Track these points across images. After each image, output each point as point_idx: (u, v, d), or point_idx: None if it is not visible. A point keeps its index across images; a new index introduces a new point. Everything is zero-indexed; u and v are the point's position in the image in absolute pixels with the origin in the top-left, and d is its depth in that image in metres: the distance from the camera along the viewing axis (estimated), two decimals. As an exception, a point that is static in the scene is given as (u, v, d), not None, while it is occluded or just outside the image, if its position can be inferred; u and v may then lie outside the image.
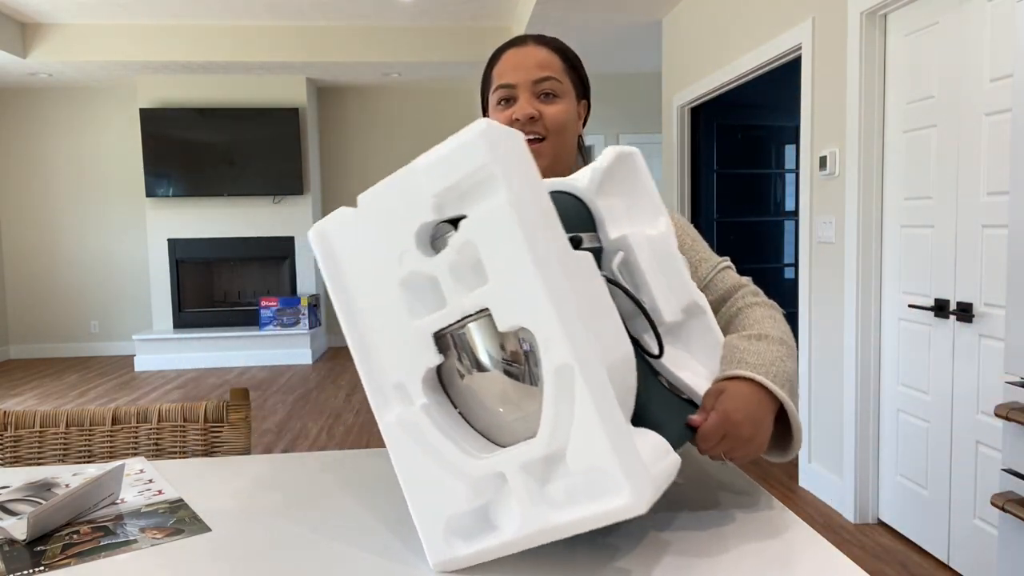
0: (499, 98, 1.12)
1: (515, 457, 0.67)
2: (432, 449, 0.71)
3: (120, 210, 6.86)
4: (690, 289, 0.88)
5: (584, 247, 0.81)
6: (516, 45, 1.13)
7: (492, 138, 0.65)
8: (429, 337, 0.71)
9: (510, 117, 1.10)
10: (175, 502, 0.92)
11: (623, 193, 0.89)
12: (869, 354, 2.72)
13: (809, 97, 3.03)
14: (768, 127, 4.85)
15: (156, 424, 1.30)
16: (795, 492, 3.10)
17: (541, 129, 1.10)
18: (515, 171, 0.65)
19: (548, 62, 1.11)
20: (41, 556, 0.77)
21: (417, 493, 0.72)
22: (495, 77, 1.13)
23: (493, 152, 0.64)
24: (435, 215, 0.68)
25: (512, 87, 1.10)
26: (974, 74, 2.19)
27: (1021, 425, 1.51)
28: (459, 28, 5.82)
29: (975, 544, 2.25)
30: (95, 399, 5.12)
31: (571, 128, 1.12)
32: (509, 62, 1.11)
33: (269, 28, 5.72)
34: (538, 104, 1.10)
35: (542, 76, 1.10)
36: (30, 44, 5.53)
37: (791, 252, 4.95)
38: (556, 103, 1.11)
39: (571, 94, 1.14)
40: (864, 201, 2.68)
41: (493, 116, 1.13)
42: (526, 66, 1.10)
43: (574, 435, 0.64)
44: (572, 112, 1.13)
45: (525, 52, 1.11)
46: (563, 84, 1.12)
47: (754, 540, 0.77)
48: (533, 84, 1.10)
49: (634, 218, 0.89)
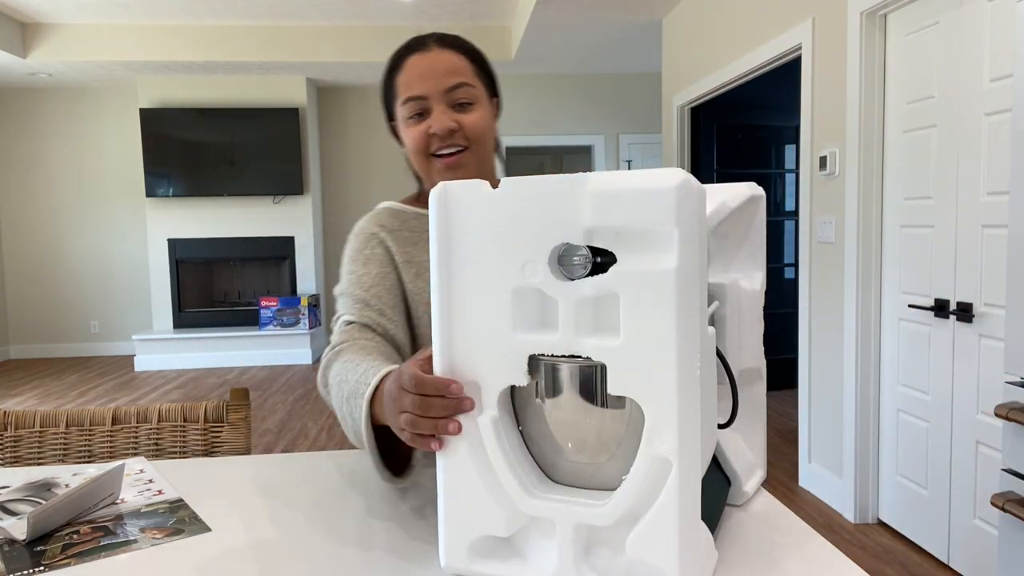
0: (410, 112, 1.05)
1: (574, 514, 0.64)
2: (487, 467, 0.68)
3: (120, 210, 6.86)
4: (758, 353, 0.85)
5: None
6: (418, 50, 1.05)
7: (684, 195, 0.59)
8: (525, 356, 0.65)
9: (426, 132, 1.04)
10: (175, 502, 0.92)
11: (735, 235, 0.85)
12: (869, 354, 2.72)
13: (809, 97, 3.03)
14: (768, 127, 4.85)
15: (156, 424, 1.30)
16: (795, 492, 3.10)
17: (462, 140, 1.04)
18: (693, 237, 0.60)
19: (458, 67, 1.05)
20: (41, 556, 0.77)
21: (454, 503, 0.69)
22: (401, 87, 1.06)
23: (680, 212, 0.58)
24: (583, 240, 0.62)
25: (423, 99, 1.03)
26: (974, 74, 2.19)
27: (1021, 425, 1.51)
28: (459, 28, 5.81)
29: (975, 544, 2.24)
30: (95, 399, 5.12)
31: (490, 134, 1.08)
32: (415, 70, 1.04)
33: (269, 28, 5.72)
34: (454, 114, 1.04)
35: (455, 84, 1.03)
36: (30, 44, 5.53)
37: (791, 252, 4.95)
38: (473, 111, 1.05)
39: (484, 97, 1.08)
40: (864, 201, 2.68)
41: (405, 131, 1.07)
42: (435, 74, 1.03)
43: (645, 524, 0.62)
44: (489, 117, 1.08)
45: (431, 58, 1.04)
46: (476, 89, 1.06)
47: (754, 540, 0.77)
48: (446, 93, 1.03)
49: (736, 265, 0.85)
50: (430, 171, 1.07)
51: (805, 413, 3.15)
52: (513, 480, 0.66)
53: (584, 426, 0.65)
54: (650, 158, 6.65)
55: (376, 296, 1.06)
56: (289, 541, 0.80)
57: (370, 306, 1.05)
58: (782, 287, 4.94)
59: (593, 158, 6.72)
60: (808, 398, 3.13)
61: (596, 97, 6.62)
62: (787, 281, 4.95)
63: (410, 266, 1.10)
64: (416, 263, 1.10)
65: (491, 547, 0.69)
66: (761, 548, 0.75)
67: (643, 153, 6.65)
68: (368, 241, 1.11)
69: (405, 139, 1.08)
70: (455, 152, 1.05)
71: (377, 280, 1.08)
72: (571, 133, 6.61)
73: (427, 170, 1.08)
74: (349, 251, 1.12)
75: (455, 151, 1.05)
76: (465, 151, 1.05)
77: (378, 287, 1.07)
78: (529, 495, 0.66)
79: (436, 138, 1.04)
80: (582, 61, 6.05)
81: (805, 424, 3.15)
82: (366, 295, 1.06)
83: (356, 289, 1.07)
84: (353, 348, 0.97)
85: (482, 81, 1.08)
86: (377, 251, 1.10)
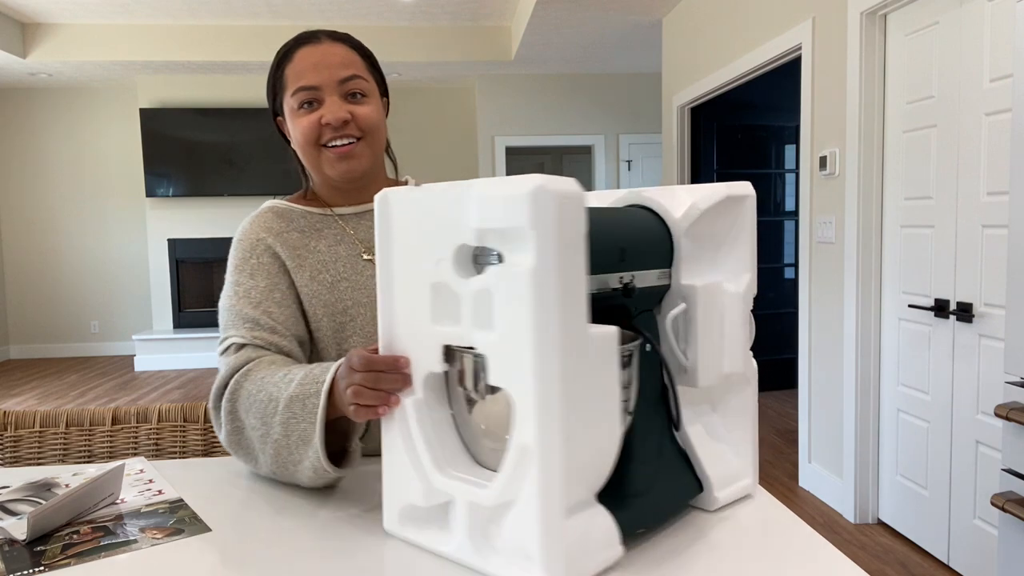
0: (301, 101, 1.02)
1: (465, 492, 0.70)
2: (410, 442, 0.75)
3: (120, 210, 6.86)
4: (743, 358, 0.83)
5: (646, 286, 0.78)
6: (310, 42, 1.03)
7: (539, 201, 0.62)
8: (440, 346, 0.72)
9: (318, 121, 1.02)
10: (175, 502, 0.92)
11: (715, 236, 0.83)
12: (869, 354, 2.72)
13: (809, 97, 3.03)
14: (768, 127, 4.85)
15: (156, 424, 1.30)
16: (795, 492, 3.10)
17: (355, 131, 1.03)
18: (552, 239, 0.63)
19: (350, 60, 1.04)
20: (41, 556, 0.77)
21: (391, 474, 0.78)
22: (290, 77, 1.03)
23: (535, 215, 0.62)
24: (476, 242, 0.68)
25: (316, 88, 1.02)
26: (974, 74, 2.19)
27: (1021, 425, 1.51)
28: (459, 28, 5.82)
29: (975, 544, 2.25)
30: (95, 399, 5.12)
31: (382, 128, 1.07)
32: (307, 60, 1.02)
33: (269, 28, 5.72)
34: (347, 105, 1.03)
35: (348, 75, 1.02)
36: (30, 44, 5.53)
37: (791, 252, 4.95)
38: (366, 103, 1.04)
39: (376, 93, 1.07)
40: (864, 201, 2.68)
41: (294, 121, 1.04)
42: (329, 65, 1.02)
43: (516, 509, 0.66)
44: (381, 111, 1.07)
45: (324, 50, 1.03)
46: (369, 83, 1.05)
47: (754, 540, 0.77)
48: (339, 84, 1.02)
49: (719, 266, 0.84)
50: (320, 162, 1.05)
51: (805, 413, 3.15)
52: (428, 457, 0.74)
53: (487, 412, 0.71)
54: (650, 158, 6.65)
55: (266, 313, 1.02)
56: (289, 541, 0.80)
57: (260, 325, 1.01)
58: (782, 287, 4.95)
59: (593, 158, 6.72)
60: (808, 398, 3.13)
61: (596, 97, 6.62)
62: (787, 281, 4.95)
63: (302, 269, 1.06)
64: (309, 264, 1.06)
65: (417, 516, 0.77)
66: (761, 548, 0.75)
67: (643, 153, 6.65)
68: (254, 249, 1.06)
69: (293, 131, 1.05)
70: (348, 143, 1.03)
71: (266, 294, 1.03)
72: (571, 133, 6.61)
73: (317, 161, 1.05)
74: (234, 259, 1.06)
75: (348, 142, 1.03)
76: (358, 142, 1.04)
77: (267, 302, 1.03)
78: (439, 471, 0.73)
79: (329, 128, 1.02)
80: (582, 61, 6.05)
81: (805, 424, 3.15)
82: (255, 313, 1.01)
83: (245, 306, 1.02)
84: (261, 365, 0.95)
85: (374, 77, 1.07)
86: (264, 259, 1.05)
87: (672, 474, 0.80)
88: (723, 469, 0.84)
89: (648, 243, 0.79)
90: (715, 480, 0.82)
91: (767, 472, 3.35)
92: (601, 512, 0.70)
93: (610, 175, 6.64)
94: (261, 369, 0.95)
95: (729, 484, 0.84)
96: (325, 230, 1.09)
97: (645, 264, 0.78)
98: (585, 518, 0.68)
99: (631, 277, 0.76)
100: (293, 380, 0.89)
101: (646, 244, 0.78)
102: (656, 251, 0.79)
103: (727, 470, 0.84)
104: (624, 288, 0.75)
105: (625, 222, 0.78)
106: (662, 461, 0.79)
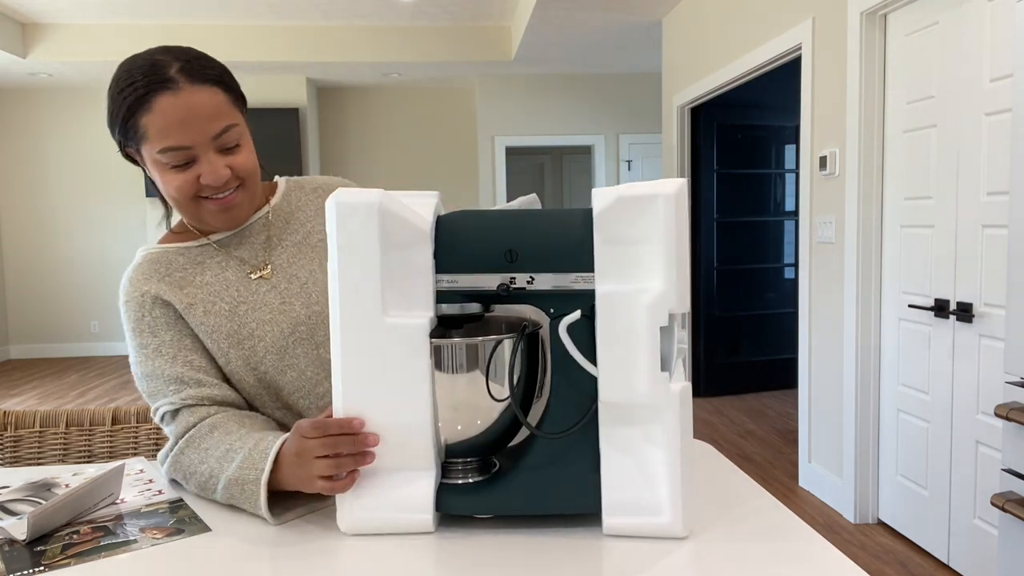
0: (171, 161, 0.93)
1: None
2: None
3: (120, 210, 6.86)
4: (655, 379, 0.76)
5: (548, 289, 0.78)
6: (168, 89, 0.91)
7: (341, 214, 0.78)
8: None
9: (196, 180, 0.95)
10: (175, 502, 0.92)
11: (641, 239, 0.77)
12: (869, 354, 2.72)
13: (809, 97, 3.03)
14: (768, 127, 4.85)
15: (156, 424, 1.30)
16: (795, 492, 3.10)
17: (234, 182, 0.98)
18: (351, 242, 0.78)
19: (217, 107, 0.93)
20: (41, 556, 0.77)
21: None
22: (152, 133, 0.91)
23: (339, 226, 0.78)
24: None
25: (188, 148, 0.92)
26: (974, 74, 2.19)
27: (1021, 425, 1.51)
28: (459, 28, 5.82)
29: (975, 544, 2.25)
30: (95, 399, 5.12)
31: (257, 164, 1.02)
32: (171, 116, 0.90)
33: (269, 28, 5.72)
34: (224, 158, 0.96)
35: (221, 129, 0.94)
36: (30, 44, 5.53)
37: (791, 252, 4.95)
38: (240, 151, 0.97)
39: (244, 125, 1.00)
40: (864, 201, 2.68)
41: (163, 176, 0.95)
42: (198, 119, 0.92)
43: None
44: (252, 146, 1.01)
45: (186, 100, 0.91)
46: (240, 125, 0.97)
47: (754, 540, 0.77)
48: (213, 140, 0.94)
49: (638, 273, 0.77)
50: (200, 213, 0.99)
51: (805, 413, 3.15)
52: None
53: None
54: (650, 158, 6.65)
55: (186, 363, 0.99)
56: (289, 541, 0.80)
57: (185, 382, 0.97)
58: (782, 287, 4.95)
59: (593, 158, 6.72)
60: (808, 398, 3.13)
61: (596, 97, 6.62)
62: (787, 281, 4.95)
63: (193, 308, 1.01)
64: (201, 300, 1.01)
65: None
66: (761, 548, 0.75)
67: (643, 153, 6.65)
68: (142, 306, 1.00)
69: (163, 185, 0.97)
70: (229, 194, 0.98)
71: (177, 345, 0.99)
72: (571, 133, 6.61)
73: (195, 212, 0.99)
74: (128, 322, 1.01)
75: (229, 193, 0.98)
76: (238, 189, 0.99)
77: (183, 352, 0.99)
78: None
79: (209, 187, 0.96)
80: (582, 61, 6.05)
81: (805, 424, 3.15)
82: (175, 370, 0.98)
83: (161, 365, 0.98)
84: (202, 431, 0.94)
85: (239, 108, 0.99)
86: (157, 313, 1.00)
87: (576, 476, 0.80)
88: (623, 497, 0.78)
89: (554, 247, 0.78)
90: (608, 505, 0.78)
91: (767, 472, 3.35)
92: (421, 482, 0.80)
93: (610, 175, 6.64)
94: (202, 439, 0.93)
95: (630, 515, 0.78)
96: (207, 260, 1.04)
97: (551, 267, 0.78)
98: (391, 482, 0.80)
99: (530, 279, 0.78)
100: (234, 460, 0.88)
101: (550, 248, 0.78)
102: (566, 254, 0.78)
103: (630, 499, 0.78)
104: (505, 289, 0.78)
105: (531, 225, 0.79)
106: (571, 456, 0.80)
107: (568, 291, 0.78)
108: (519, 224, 0.79)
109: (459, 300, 0.81)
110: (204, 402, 0.97)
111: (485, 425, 0.82)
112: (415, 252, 0.80)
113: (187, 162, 0.94)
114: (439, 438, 0.82)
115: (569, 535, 0.79)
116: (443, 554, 0.75)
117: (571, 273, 0.78)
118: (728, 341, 4.83)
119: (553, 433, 0.79)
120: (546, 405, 0.81)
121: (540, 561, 0.73)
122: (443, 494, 0.82)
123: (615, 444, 0.80)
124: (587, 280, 0.78)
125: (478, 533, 0.80)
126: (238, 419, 0.97)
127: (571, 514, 0.83)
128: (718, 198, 4.74)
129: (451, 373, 0.79)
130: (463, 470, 0.85)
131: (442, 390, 0.80)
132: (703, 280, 4.75)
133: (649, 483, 0.78)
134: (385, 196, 0.78)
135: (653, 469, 0.78)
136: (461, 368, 0.79)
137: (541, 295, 0.79)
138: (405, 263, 0.80)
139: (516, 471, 0.82)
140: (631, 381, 0.76)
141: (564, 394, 0.80)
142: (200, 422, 0.95)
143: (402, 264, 0.80)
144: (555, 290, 0.79)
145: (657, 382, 0.76)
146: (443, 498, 0.81)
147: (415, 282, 0.80)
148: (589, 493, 0.79)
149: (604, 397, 0.78)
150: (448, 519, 0.84)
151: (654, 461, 0.78)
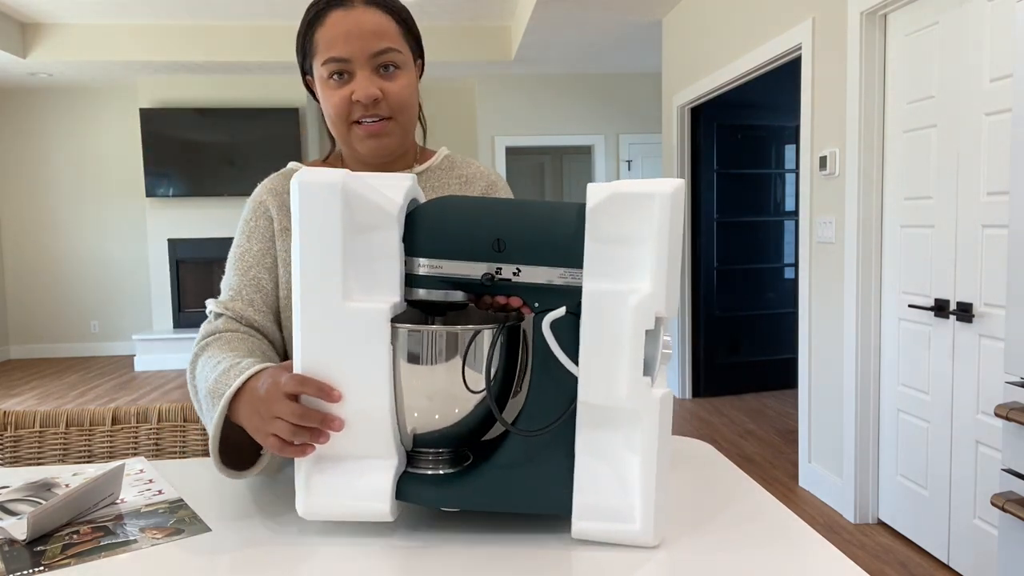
0: (331, 72, 0.99)
1: None
2: None
3: (120, 210, 6.86)
4: (637, 383, 0.73)
5: (535, 283, 0.76)
6: (343, 5, 0.98)
7: (303, 194, 0.75)
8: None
9: (348, 97, 0.99)
10: (175, 502, 0.92)
11: (633, 238, 0.74)
12: (869, 354, 2.72)
13: (809, 97, 3.03)
14: (768, 127, 4.85)
15: (156, 424, 1.30)
16: (795, 492, 3.10)
17: (385, 110, 1.00)
18: (312, 225, 0.75)
19: (384, 29, 0.98)
20: (41, 556, 0.77)
21: None
22: (321, 45, 0.99)
23: (301, 209, 0.75)
24: None
25: (347, 61, 0.97)
26: (974, 74, 2.19)
27: (1021, 425, 1.51)
28: (459, 28, 5.81)
29: (975, 544, 2.25)
30: (95, 399, 5.12)
31: (414, 103, 1.04)
32: (339, 28, 0.97)
33: (269, 28, 5.72)
34: (379, 80, 0.99)
35: (380, 48, 0.98)
36: (30, 44, 5.53)
37: (791, 252, 4.95)
38: (398, 77, 1.00)
39: (411, 61, 1.03)
40: (864, 201, 2.68)
41: (324, 92, 1.01)
42: (361, 35, 0.97)
43: None
44: (415, 83, 1.04)
45: (357, 17, 0.97)
46: (403, 54, 1.01)
47: (754, 540, 0.77)
48: (371, 58, 0.98)
49: (627, 273, 0.75)
50: (350, 138, 1.03)
51: (805, 413, 3.15)
52: None
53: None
54: (650, 158, 6.64)
55: (253, 281, 1.03)
56: (289, 541, 0.80)
57: (241, 296, 1.02)
58: (782, 287, 4.95)
59: (593, 158, 6.72)
60: (808, 398, 3.13)
61: (596, 97, 6.62)
62: (787, 281, 4.95)
63: (285, 233, 1.06)
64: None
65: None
66: (761, 549, 0.75)
67: (643, 153, 6.65)
68: (255, 211, 1.07)
69: (323, 101, 1.03)
70: (378, 121, 1.01)
71: (258, 258, 1.05)
72: (571, 133, 6.61)
73: (347, 137, 1.03)
74: (242, 216, 1.09)
75: (378, 119, 1.01)
76: (389, 120, 1.01)
77: (256, 267, 1.04)
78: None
79: (359, 106, 0.99)
80: (582, 61, 6.05)
81: (805, 424, 3.15)
82: (240, 281, 1.03)
83: (236, 269, 1.04)
84: (219, 343, 0.96)
85: (408, 43, 1.03)
86: (260, 223, 1.07)
87: (548, 476, 0.78)
88: (595, 501, 0.76)
89: (543, 240, 0.76)
90: (578, 508, 0.76)
91: (767, 472, 3.35)
92: (381, 471, 0.78)
93: (610, 175, 6.64)
94: (214, 348, 0.95)
95: (600, 520, 0.76)
96: None
97: (539, 260, 0.76)
98: (351, 469, 0.79)
99: (516, 270, 0.76)
100: (217, 369, 0.88)
101: (540, 240, 0.76)
102: (555, 248, 0.76)
103: (601, 504, 0.76)
104: (490, 279, 0.76)
105: (522, 215, 0.77)
106: (544, 456, 0.78)
107: (555, 286, 0.76)
108: (510, 213, 0.77)
109: (442, 286, 0.78)
110: (242, 320, 1.00)
111: (458, 417, 0.79)
112: (382, 235, 0.77)
113: (344, 75, 0.99)
114: (404, 426, 0.79)
115: (537, 540, 0.78)
116: (412, 559, 0.75)
117: (559, 268, 0.76)
118: (728, 341, 4.83)
119: (528, 431, 0.77)
120: (524, 402, 0.79)
121: (506, 567, 0.73)
122: (408, 484, 0.79)
123: (591, 447, 0.77)
124: (575, 276, 0.76)
125: (443, 532, 0.80)
126: (252, 347, 0.97)
127: (539, 514, 0.81)
128: (718, 198, 4.74)
129: (426, 362, 0.77)
130: (434, 460, 0.82)
131: (416, 378, 0.77)
132: (703, 280, 4.75)
133: (623, 489, 0.76)
134: (350, 177, 0.76)
135: (628, 475, 0.76)
136: (439, 357, 0.77)
137: (526, 288, 0.77)
138: (371, 246, 0.77)
139: (486, 466, 0.79)
140: (612, 383, 0.74)
141: (543, 392, 0.78)
142: (221, 334, 0.98)
143: (368, 247, 0.77)
144: (541, 284, 0.76)
145: (639, 386, 0.73)
146: (408, 488, 0.79)
147: (381, 266, 0.78)
148: (560, 495, 0.77)
149: (584, 398, 0.76)
150: (416, 513, 0.83)
151: (630, 467, 0.76)
